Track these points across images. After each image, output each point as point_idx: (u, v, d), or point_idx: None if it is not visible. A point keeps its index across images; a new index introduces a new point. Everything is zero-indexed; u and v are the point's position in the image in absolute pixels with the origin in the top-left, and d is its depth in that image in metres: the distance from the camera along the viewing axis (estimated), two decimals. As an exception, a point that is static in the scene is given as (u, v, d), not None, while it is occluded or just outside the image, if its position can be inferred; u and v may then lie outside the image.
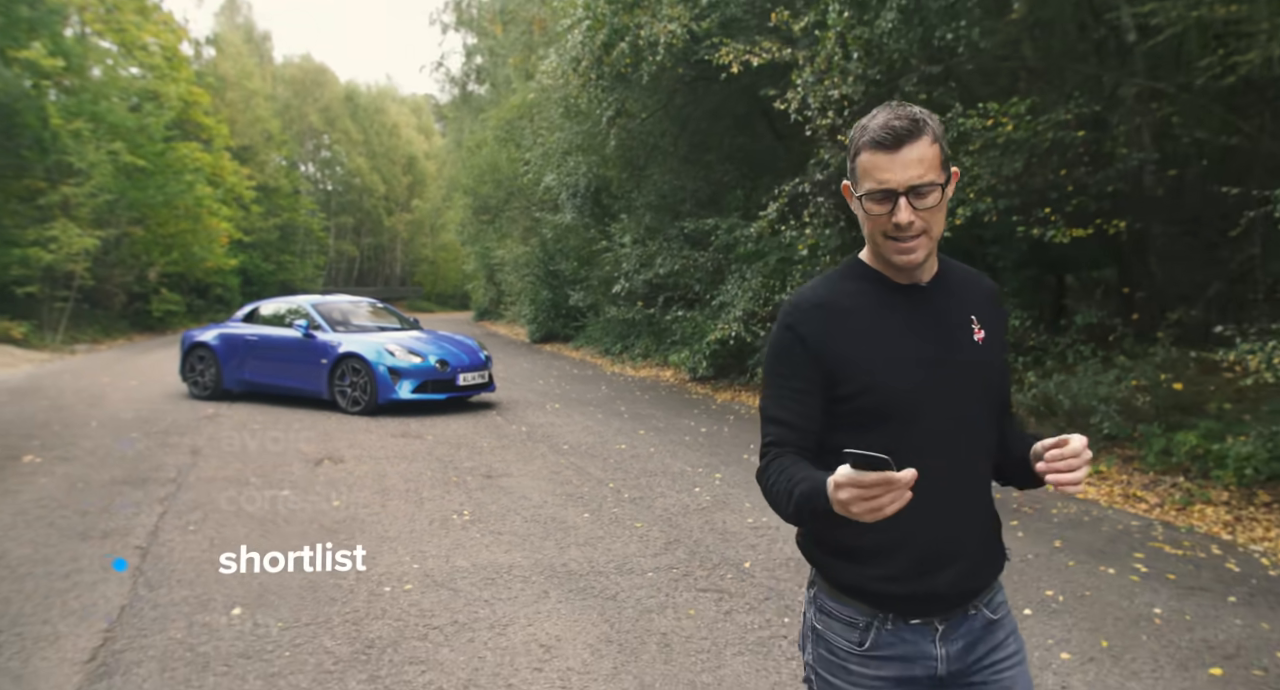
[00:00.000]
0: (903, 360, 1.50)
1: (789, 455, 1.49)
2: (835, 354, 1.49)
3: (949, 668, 1.53)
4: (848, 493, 1.23)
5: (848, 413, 1.51)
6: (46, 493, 6.16)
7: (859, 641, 1.53)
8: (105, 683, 3.32)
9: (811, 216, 8.81)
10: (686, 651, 3.72)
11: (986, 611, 1.57)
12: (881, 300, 1.54)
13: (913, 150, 1.42)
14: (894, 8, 7.36)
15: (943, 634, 1.52)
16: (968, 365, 1.53)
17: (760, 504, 6.16)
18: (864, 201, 1.48)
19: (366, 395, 9.87)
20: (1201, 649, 3.78)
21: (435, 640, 3.79)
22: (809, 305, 1.55)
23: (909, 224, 1.44)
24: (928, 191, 1.44)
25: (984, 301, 1.61)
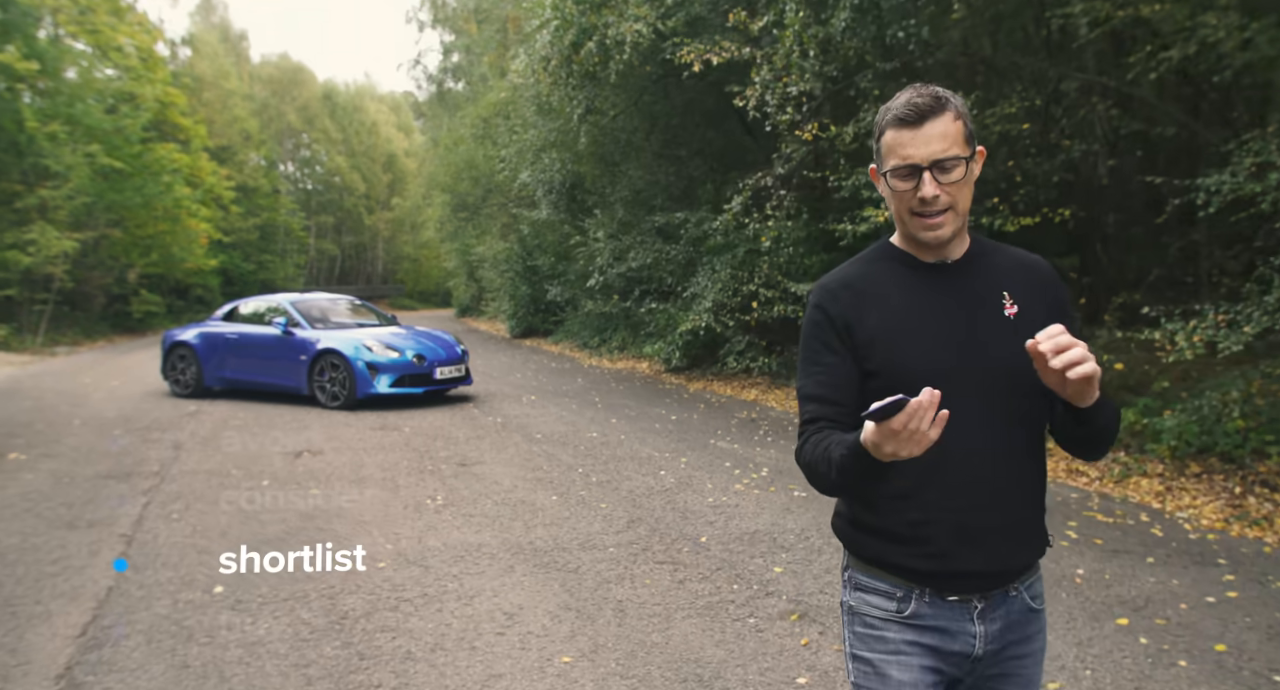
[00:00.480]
0: (926, 337, 1.51)
1: (824, 429, 1.50)
2: (861, 331, 1.53)
3: (986, 647, 1.53)
4: (889, 444, 1.25)
5: (875, 391, 1.47)
6: (32, 487, 6.37)
7: (897, 609, 1.53)
8: (95, 654, 3.57)
9: (774, 209, 9.10)
10: (639, 616, 4.00)
11: (1027, 597, 1.57)
12: (906, 279, 1.56)
13: (935, 125, 1.45)
14: (847, 7, 7.66)
15: (981, 612, 1.52)
16: (994, 342, 1.52)
17: (721, 483, 6.49)
18: (889, 178, 1.50)
19: (345, 390, 10.10)
20: (1113, 603, 4.10)
21: (405, 611, 4.06)
22: (836, 285, 1.59)
23: (934, 198, 1.46)
24: (952, 166, 1.46)
25: (1024, 278, 1.59)
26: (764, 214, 9.19)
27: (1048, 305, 1.56)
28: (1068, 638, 3.71)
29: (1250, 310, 5.24)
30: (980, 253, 1.59)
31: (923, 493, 1.48)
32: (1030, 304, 1.55)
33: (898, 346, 1.50)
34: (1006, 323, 1.52)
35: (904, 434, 1.24)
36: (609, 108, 12.65)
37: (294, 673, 3.40)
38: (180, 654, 3.57)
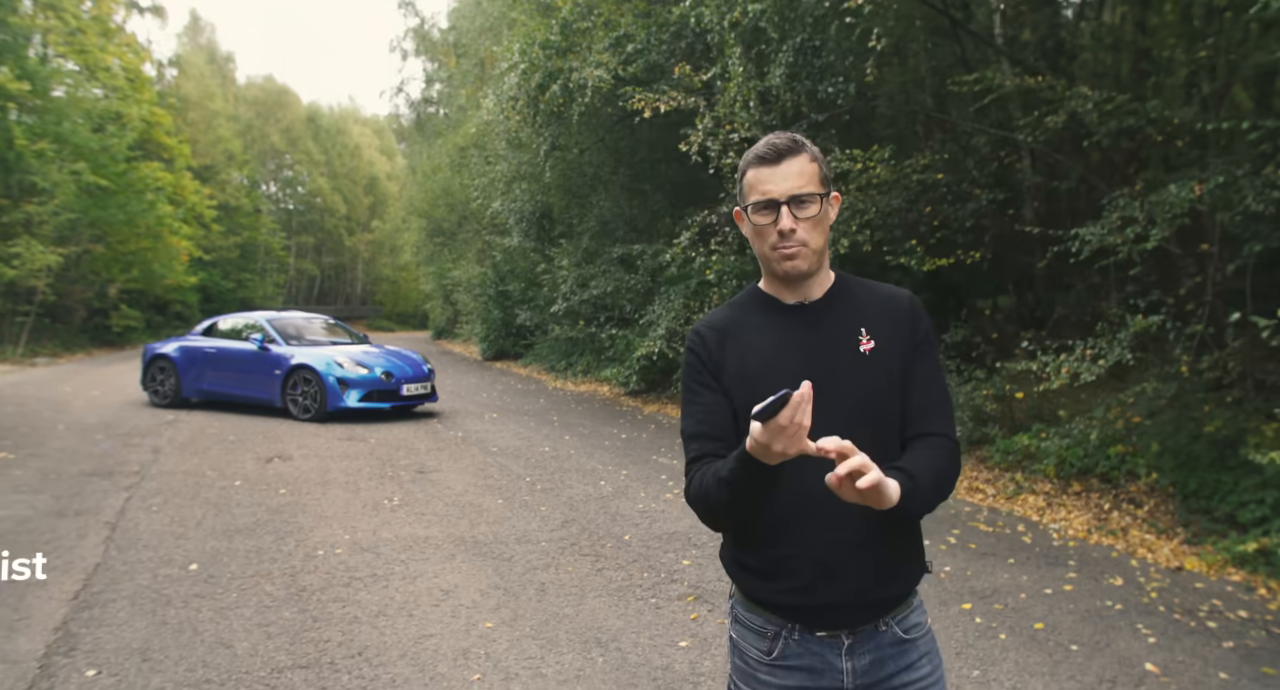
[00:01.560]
0: (782, 376, 1.53)
1: (709, 463, 1.57)
2: (726, 371, 1.62)
3: (855, 682, 1.57)
4: (778, 442, 1.31)
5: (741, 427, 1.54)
6: (22, 482, 6.96)
7: (767, 651, 1.59)
8: (86, 613, 4.19)
9: (719, 244, 9.88)
10: (557, 594, 4.67)
11: (897, 629, 1.60)
12: (768, 321, 1.64)
13: (792, 164, 1.54)
14: (783, 63, 8.48)
15: (849, 648, 1.57)
16: (848, 377, 1.57)
17: (653, 493, 7.18)
18: (750, 212, 1.58)
19: (316, 403, 10.72)
20: (965, 592, 4.81)
21: (356, 587, 4.71)
22: (705, 328, 1.69)
23: (790, 231, 1.53)
24: (808, 201, 1.54)
25: (883, 313, 1.64)
26: (709, 249, 9.97)
27: (904, 338, 1.63)
28: (913, 615, 4.41)
29: (1102, 344, 6.02)
30: (841, 291, 1.67)
31: (789, 528, 1.54)
32: (887, 338, 1.62)
33: (756, 386, 1.55)
34: (861, 358, 1.59)
35: (790, 429, 1.30)
36: (573, 145, 13.44)
37: (256, 631, 4.04)
38: (160, 614, 4.20)
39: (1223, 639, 4.21)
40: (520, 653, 3.87)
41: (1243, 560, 5.21)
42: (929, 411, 1.62)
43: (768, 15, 8.46)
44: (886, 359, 1.59)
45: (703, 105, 9.10)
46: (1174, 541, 5.84)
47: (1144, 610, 4.60)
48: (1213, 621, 4.45)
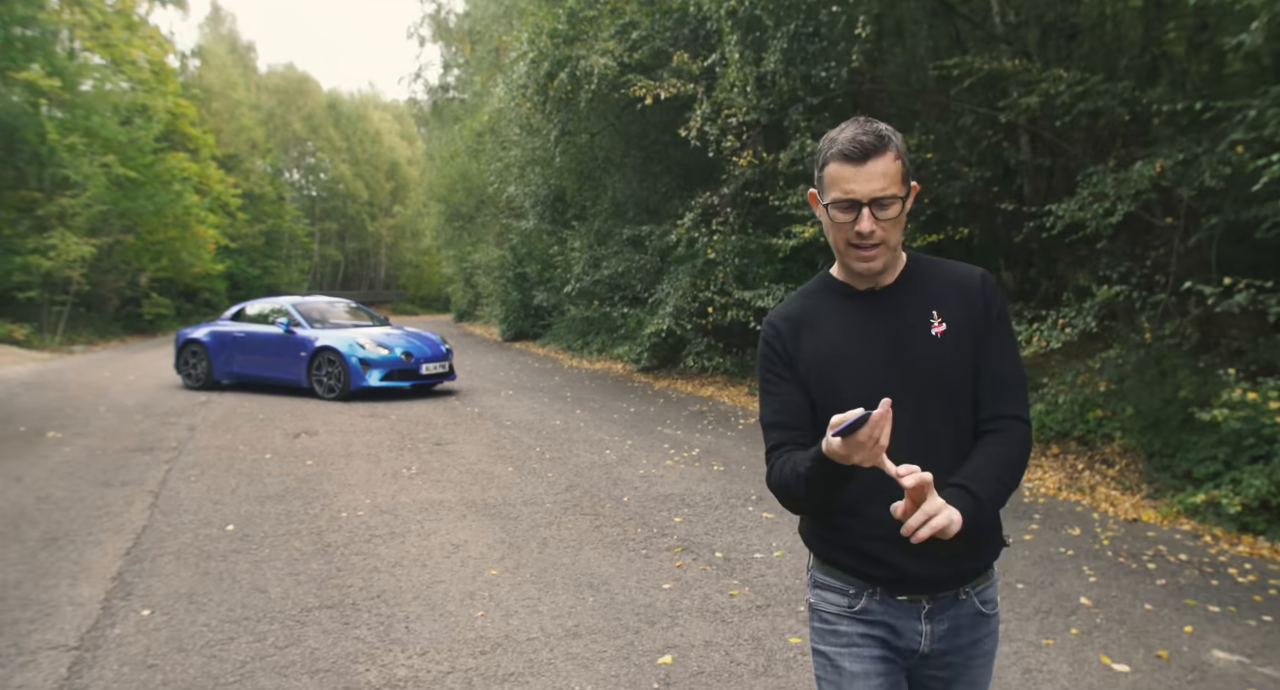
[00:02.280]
0: (856, 362, 1.58)
1: (787, 452, 1.60)
2: (801, 361, 1.63)
3: (932, 645, 1.60)
4: (856, 455, 1.34)
5: (821, 416, 1.56)
6: (71, 457, 7.54)
7: (849, 605, 1.63)
8: (138, 566, 4.72)
9: (720, 225, 10.27)
10: (557, 547, 5.15)
11: (976, 601, 1.63)
12: (841, 308, 1.65)
13: (877, 164, 1.50)
14: (777, 50, 8.84)
15: (929, 612, 1.60)
16: (921, 362, 1.58)
17: (655, 460, 7.64)
18: (830, 209, 1.55)
19: (340, 383, 11.27)
20: (929, 542, 5.23)
21: (375, 542, 5.22)
22: (779, 318, 1.70)
23: (870, 233, 1.52)
24: (889, 203, 1.52)
25: (953, 295, 1.63)
26: (710, 229, 10.36)
27: (977, 317, 1.61)
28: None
29: (1071, 314, 6.39)
30: (913, 274, 1.66)
31: (869, 510, 1.55)
32: (959, 318, 1.61)
33: (830, 373, 1.59)
34: (933, 341, 1.59)
35: (868, 445, 1.32)
36: (583, 130, 13.84)
37: (287, 578, 4.55)
38: (202, 566, 4.73)
39: (1157, 577, 4.62)
40: (520, 595, 4.35)
41: (1193, 511, 5.60)
42: (1001, 392, 1.62)
43: (763, 3, 8.81)
44: (958, 340, 1.59)
45: (700, 91, 9.47)
46: (1136, 497, 6.23)
47: (1093, 555, 5.02)
48: (1153, 564, 4.86)
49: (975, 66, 7.45)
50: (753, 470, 7.32)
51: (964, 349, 1.59)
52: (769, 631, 3.91)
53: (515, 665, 3.54)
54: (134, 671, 3.43)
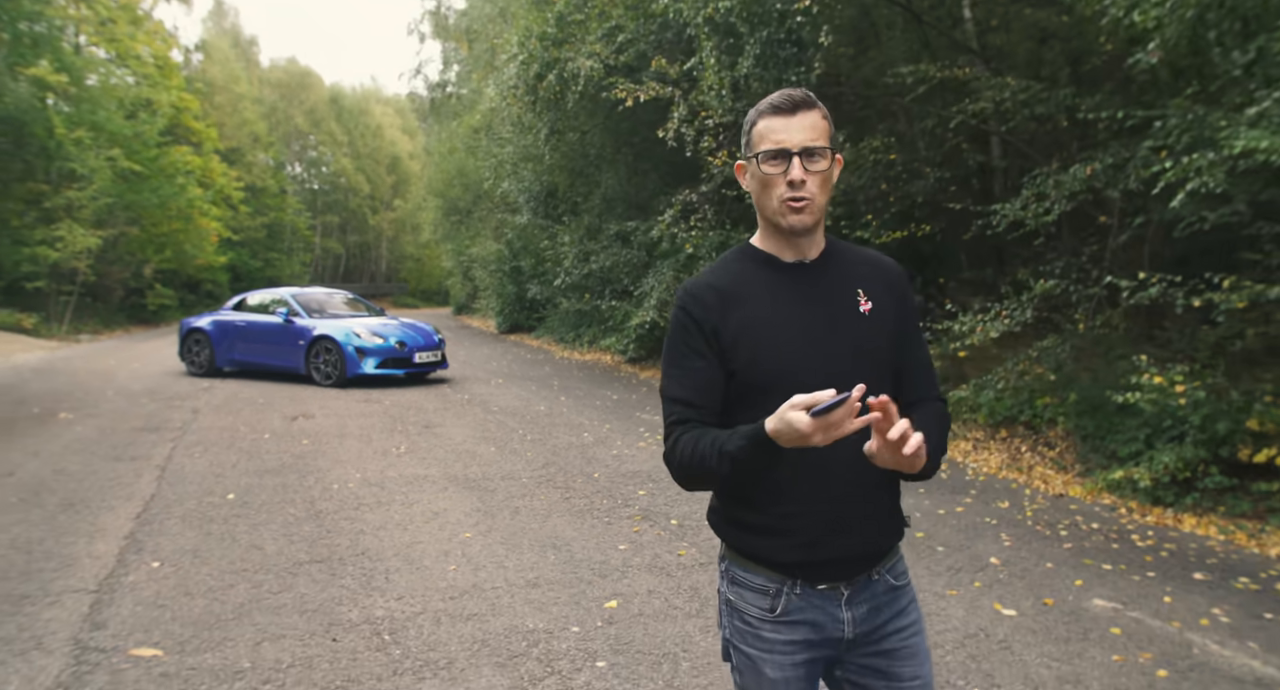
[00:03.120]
0: (788, 334, 1.55)
1: (694, 428, 1.56)
2: (724, 331, 1.57)
3: (855, 631, 1.59)
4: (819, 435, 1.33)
5: (738, 389, 1.57)
6: (83, 436, 8.06)
7: (770, 608, 1.59)
8: (147, 527, 5.23)
9: (699, 221, 10.78)
10: (528, 515, 5.67)
11: (889, 577, 1.64)
12: (767, 278, 1.61)
13: (807, 117, 1.52)
14: (750, 56, 9.32)
15: (848, 598, 1.59)
16: (850, 335, 1.58)
17: (629, 442, 8.14)
18: (760, 161, 1.54)
19: (337, 370, 11.79)
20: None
21: (363, 509, 5.73)
22: (701, 288, 1.63)
23: (801, 182, 1.51)
24: (820, 155, 1.52)
25: (878, 278, 1.67)
26: (689, 225, 10.87)
27: (895, 301, 1.66)
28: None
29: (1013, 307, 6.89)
30: (834, 253, 1.67)
31: (796, 486, 1.53)
32: (881, 300, 1.64)
33: (761, 344, 1.55)
34: (863, 319, 1.60)
35: (837, 425, 1.33)
36: (572, 129, 14.33)
37: (281, 538, 5.06)
38: (205, 528, 5.24)
39: (1065, 542, 5.13)
40: (489, 553, 4.87)
41: (1114, 487, 6.11)
42: (920, 376, 1.69)
43: (737, 11, 9.29)
44: (883, 321, 1.62)
45: (678, 95, 9.97)
46: (1069, 475, 6.74)
47: (1014, 524, 5.53)
48: (1065, 531, 5.37)
49: (929, 74, 7.96)
50: (719, 451, 7.81)
51: (887, 330, 1.62)
52: (707, 583, 4.42)
53: (479, 608, 4.06)
54: (146, 610, 3.94)
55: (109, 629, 3.73)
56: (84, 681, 3.24)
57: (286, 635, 3.69)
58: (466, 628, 3.82)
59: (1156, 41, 5.09)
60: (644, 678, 3.37)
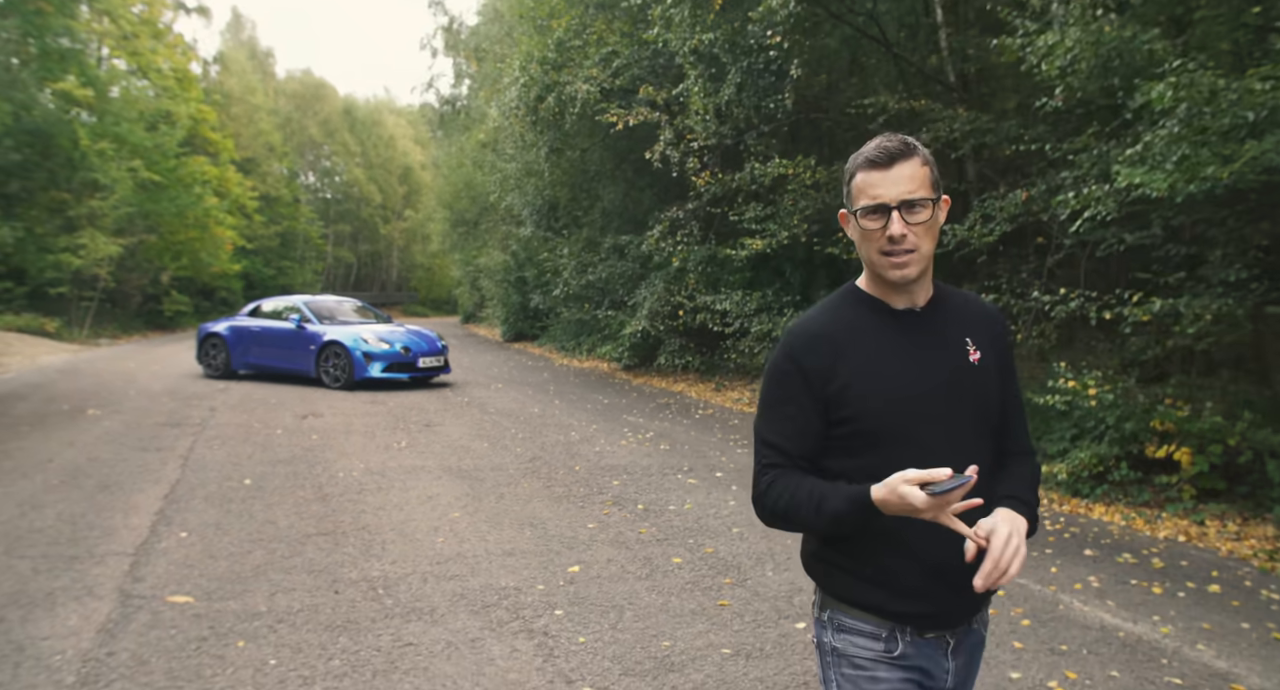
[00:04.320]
0: (897, 384, 1.52)
1: (785, 474, 1.56)
2: (832, 381, 1.54)
3: (953, 681, 1.59)
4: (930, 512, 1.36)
5: (843, 436, 1.54)
6: (112, 429, 8.80)
7: (885, 649, 1.56)
8: (175, 505, 5.95)
9: (685, 236, 11.49)
10: (512, 500, 6.36)
11: (979, 627, 1.63)
12: (877, 325, 1.57)
13: (904, 168, 1.49)
14: (732, 84, 10.05)
15: (953, 648, 1.58)
16: (962, 385, 1.55)
17: (612, 440, 8.83)
18: (859, 217, 1.52)
19: (345, 374, 12.52)
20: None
21: (365, 493, 6.44)
22: (808, 334, 1.59)
23: (901, 237, 1.48)
24: (920, 207, 1.49)
25: (982, 324, 1.64)
26: (676, 240, 11.58)
27: (998, 353, 1.64)
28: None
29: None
30: (943, 299, 1.63)
31: (900, 535, 1.50)
32: (987, 349, 1.61)
33: (875, 394, 1.52)
34: (973, 369, 1.58)
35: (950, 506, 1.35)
36: (570, 147, 15.10)
37: (292, 515, 5.77)
38: (225, 506, 5.96)
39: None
40: (474, 529, 5.57)
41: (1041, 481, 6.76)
42: (1017, 427, 1.69)
43: (720, 43, 10.03)
44: (989, 371, 1.60)
45: (664, 120, 10.71)
46: (1006, 473, 7.39)
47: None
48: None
49: (888, 105, 8.66)
50: (694, 449, 8.51)
51: (993, 380, 1.60)
52: (661, 555, 5.11)
53: (460, 570, 4.76)
54: (177, 569, 4.65)
55: (147, 582, 4.44)
56: (131, 619, 3.95)
57: (296, 589, 4.40)
58: (449, 585, 4.52)
59: (1062, 87, 5.77)
60: (593, 622, 4.06)
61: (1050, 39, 5.65)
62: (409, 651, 3.70)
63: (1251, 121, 4.61)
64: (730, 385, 13.17)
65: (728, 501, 6.43)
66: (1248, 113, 4.61)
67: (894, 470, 1.40)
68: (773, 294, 11.56)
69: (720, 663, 3.68)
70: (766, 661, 3.70)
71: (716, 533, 5.65)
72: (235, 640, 3.75)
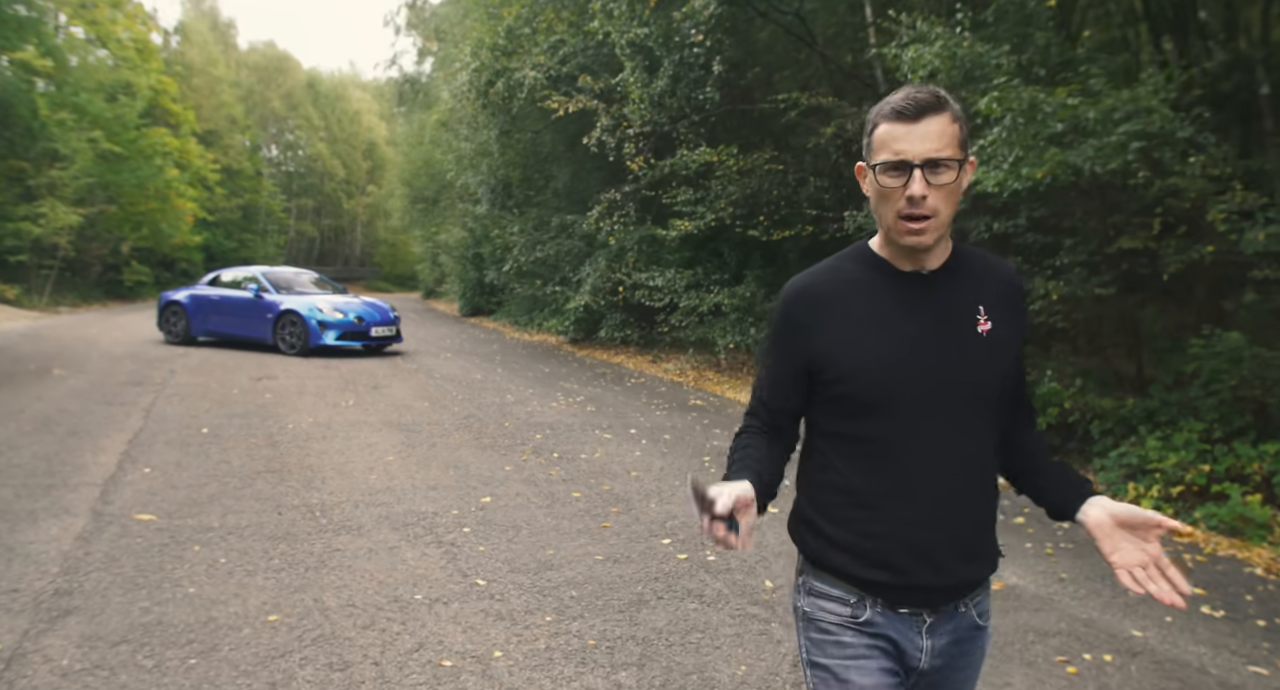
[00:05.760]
0: (891, 349, 1.45)
1: (754, 433, 1.60)
2: (823, 340, 1.49)
3: (931, 662, 1.52)
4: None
5: (833, 398, 1.50)
6: (77, 387, 9.47)
7: (852, 614, 1.51)
8: (138, 448, 6.69)
9: (622, 217, 12.31)
10: (443, 448, 7.18)
11: (974, 614, 1.56)
12: (880, 287, 1.50)
13: (934, 123, 1.37)
14: (664, 76, 10.84)
15: (930, 627, 1.51)
16: (965, 356, 1.47)
17: (544, 403, 9.66)
18: (877, 172, 1.42)
19: (300, 341, 13.21)
20: (665, 428, 7.29)
21: (311, 441, 7.21)
22: (798, 288, 1.55)
23: (922, 198, 1.37)
24: (945, 167, 1.38)
25: (1000, 291, 1.53)
26: (614, 220, 12.40)
27: (1016, 323, 1.54)
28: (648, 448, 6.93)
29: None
30: (960, 261, 1.54)
31: (883, 505, 1.46)
32: (1002, 319, 1.52)
33: (854, 360, 1.46)
34: (979, 340, 1.49)
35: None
36: (520, 130, 15.82)
37: (244, 456, 6.54)
38: (184, 449, 6.71)
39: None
40: (404, 470, 6.38)
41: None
42: (1026, 405, 1.63)
43: (654, 37, 10.80)
44: (1000, 343, 1.50)
45: (601, 107, 11.49)
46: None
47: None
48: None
49: (800, 101, 9.52)
50: (617, 411, 9.35)
51: (1004, 352, 1.50)
52: (564, 492, 5.96)
53: (388, 499, 5.57)
54: (142, 496, 5.41)
55: (116, 504, 5.21)
56: (103, 530, 4.72)
57: (245, 511, 5.19)
58: (376, 510, 5.34)
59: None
60: (494, 537, 4.90)
61: (913, 52, 6.51)
62: (337, 555, 4.52)
63: (1060, 131, 5.50)
64: (666, 357, 14.03)
65: (634, 452, 7.30)
66: (1058, 124, 5.50)
67: (891, 435, 1.44)
68: (703, 272, 12.41)
69: (591, 565, 4.54)
70: (629, 565, 4.57)
71: (616, 475, 6.52)
72: (192, 546, 4.55)
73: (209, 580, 4.07)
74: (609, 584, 4.28)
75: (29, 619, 3.55)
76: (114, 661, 3.22)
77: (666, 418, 8.97)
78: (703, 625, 3.82)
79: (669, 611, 3.96)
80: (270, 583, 4.08)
